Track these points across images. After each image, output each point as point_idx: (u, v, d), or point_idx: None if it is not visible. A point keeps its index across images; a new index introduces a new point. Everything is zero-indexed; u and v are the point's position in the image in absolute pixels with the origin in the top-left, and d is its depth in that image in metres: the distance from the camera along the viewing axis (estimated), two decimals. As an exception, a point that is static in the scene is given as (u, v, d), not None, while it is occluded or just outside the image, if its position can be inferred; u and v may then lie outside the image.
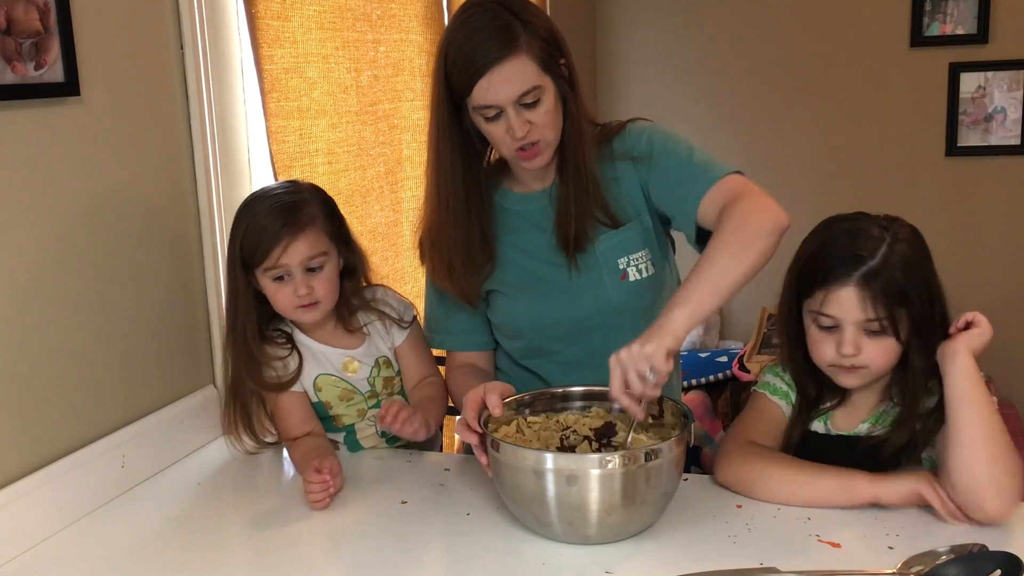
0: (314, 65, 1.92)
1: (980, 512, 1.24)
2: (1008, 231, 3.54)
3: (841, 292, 1.32)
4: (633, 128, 1.57)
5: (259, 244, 1.48)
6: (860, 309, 1.31)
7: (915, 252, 1.34)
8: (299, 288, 1.51)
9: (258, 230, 1.48)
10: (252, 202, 1.53)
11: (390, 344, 1.65)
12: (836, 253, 1.34)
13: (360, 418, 1.64)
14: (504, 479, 1.27)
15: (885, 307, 1.31)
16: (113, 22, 1.49)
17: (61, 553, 1.31)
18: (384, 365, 1.64)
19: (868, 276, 1.31)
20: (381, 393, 1.64)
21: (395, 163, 2.24)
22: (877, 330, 1.32)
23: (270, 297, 1.53)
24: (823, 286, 1.34)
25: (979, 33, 3.45)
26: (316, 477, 1.39)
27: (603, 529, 1.24)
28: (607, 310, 1.56)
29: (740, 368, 3.10)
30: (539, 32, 1.43)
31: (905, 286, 1.31)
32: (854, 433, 1.41)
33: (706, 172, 1.45)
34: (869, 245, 1.32)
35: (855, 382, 1.38)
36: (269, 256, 1.48)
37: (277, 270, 1.50)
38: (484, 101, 1.42)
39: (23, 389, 1.35)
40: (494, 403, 1.34)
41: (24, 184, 1.34)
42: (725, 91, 3.80)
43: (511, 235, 1.60)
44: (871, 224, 1.36)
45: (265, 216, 1.49)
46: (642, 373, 1.25)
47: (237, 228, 1.51)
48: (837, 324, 1.34)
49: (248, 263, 1.50)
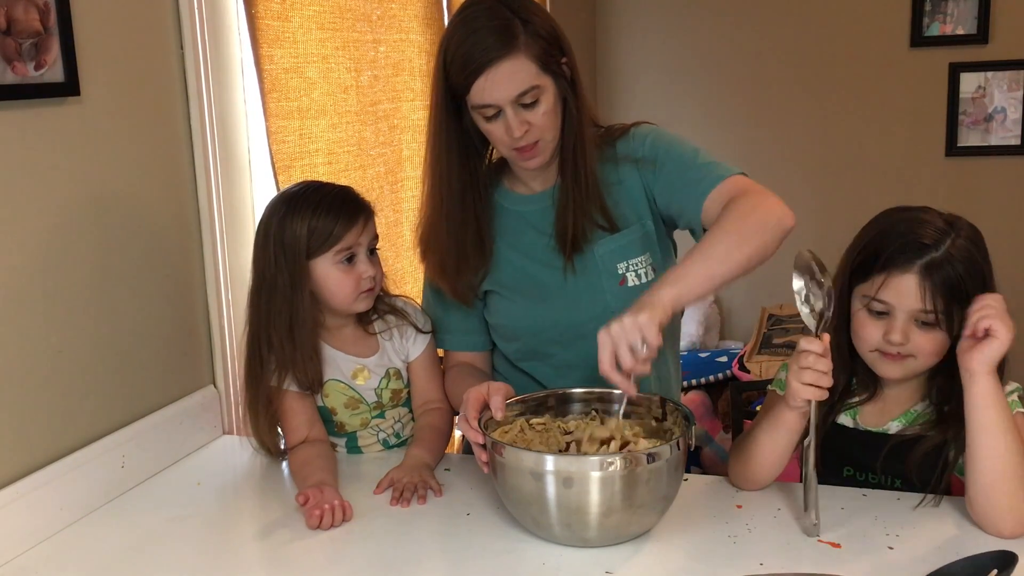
0: (314, 65, 1.92)
1: (995, 531, 1.23)
2: (1008, 231, 3.53)
3: (901, 279, 1.30)
4: (638, 132, 1.57)
5: (334, 226, 1.47)
6: (918, 298, 1.29)
7: (977, 250, 1.32)
8: (367, 269, 1.51)
9: (334, 212, 1.48)
10: (300, 196, 1.51)
11: (403, 356, 1.62)
12: (900, 240, 1.32)
13: (363, 427, 1.62)
14: (504, 481, 1.27)
15: (942, 300, 1.29)
16: (113, 22, 1.49)
17: (61, 553, 1.31)
18: (394, 376, 1.61)
19: (930, 266, 1.29)
20: (387, 405, 1.62)
21: (395, 163, 2.24)
22: (930, 322, 1.30)
23: (333, 284, 1.50)
24: (883, 271, 1.31)
25: (979, 33, 3.45)
26: (301, 499, 1.35)
27: (602, 532, 1.23)
28: (605, 315, 1.55)
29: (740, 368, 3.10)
30: (540, 31, 1.42)
31: (965, 282, 1.29)
32: (883, 430, 1.39)
33: (711, 173, 1.45)
34: (934, 236, 1.31)
35: (898, 372, 1.35)
36: (345, 237, 1.48)
37: (348, 251, 1.50)
38: (482, 100, 1.42)
39: (23, 389, 1.35)
40: (497, 405, 1.34)
41: (24, 184, 1.34)
42: (725, 91, 3.80)
43: (509, 235, 1.59)
44: (935, 216, 1.34)
45: (333, 200, 1.50)
46: (634, 346, 1.23)
47: (292, 220, 1.48)
48: (889, 311, 1.32)
49: (311, 252, 1.48)
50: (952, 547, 1.20)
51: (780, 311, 3.47)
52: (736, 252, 1.32)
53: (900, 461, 1.34)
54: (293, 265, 1.48)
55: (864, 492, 1.38)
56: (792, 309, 3.43)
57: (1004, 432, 1.22)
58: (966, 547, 1.19)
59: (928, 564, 1.15)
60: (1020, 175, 3.52)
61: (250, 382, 1.54)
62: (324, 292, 1.52)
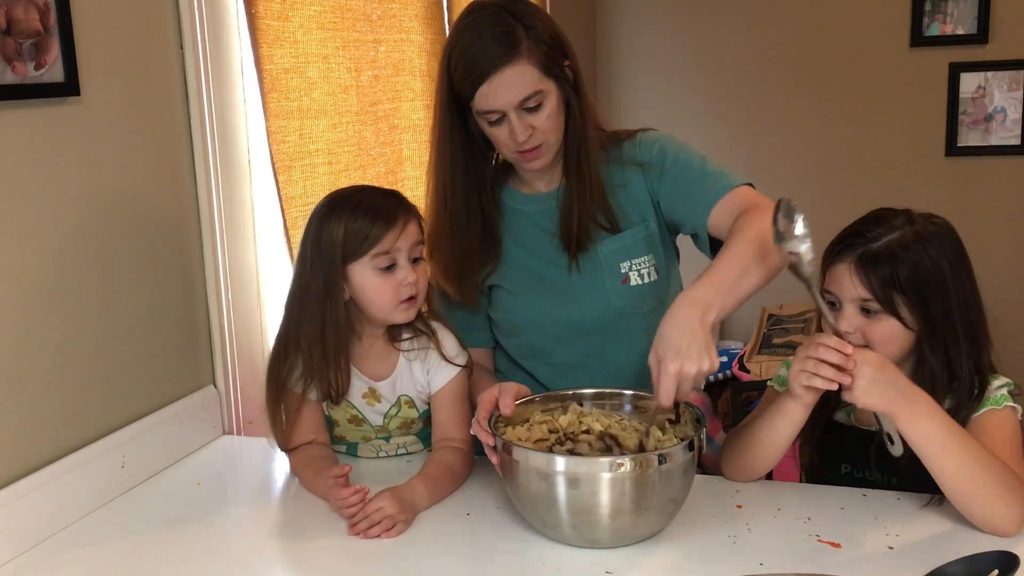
0: (314, 65, 1.92)
1: (996, 533, 1.23)
2: (1008, 231, 3.54)
3: (839, 268, 1.34)
4: (645, 137, 1.58)
5: (371, 228, 1.40)
6: (852, 286, 1.32)
7: (934, 248, 1.32)
8: (408, 276, 1.43)
9: (371, 214, 1.41)
10: (342, 198, 1.45)
11: (422, 386, 1.52)
12: (846, 232, 1.36)
13: (365, 442, 1.58)
14: (514, 481, 1.27)
15: (879, 288, 1.31)
16: (113, 22, 1.49)
17: (61, 553, 1.31)
18: (406, 405, 1.53)
19: (864, 256, 1.32)
20: (394, 432, 1.56)
21: (395, 163, 2.24)
22: (873, 311, 1.32)
23: (371, 292, 1.43)
24: (827, 262, 1.36)
25: (979, 33, 3.45)
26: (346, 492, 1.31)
27: (611, 533, 1.23)
28: (607, 313, 1.57)
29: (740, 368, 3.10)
30: (542, 35, 1.43)
31: (909, 275, 1.30)
32: (872, 428, 1.39)
33: (718, 182, 1.47)
34: (877, 230, 1.34)
35: None
36: (383, 240, 1.41)
37: (387, 256, 1.42)
38: (486, 106, 1.43)
39: (23, 389, 1.35)
40: (506, 404, 1.34)
41: (24, 184, 1.34)
42: (725, 91, 3.80)
43: (514, 233, 1.61)
44: (897, 214, 1.37)
45: (372, 202, 1.43)
46: (699, 386, 1.28)
47: (330, 221, 1.42)
48: (836, 302, 1.35)
49: (346, 256, 1.42)
50: (952, 547, 1.20)
51: (780, 311, 3.47)
52: (759, 271, 1.35)
53: (889, 457, 1.34)
54: (328, 270, 1.42)
55: (864, 492, 1.38)
56: (792, 309, 3.44)
57: (953, 453, 1.23)
58: (966, 547, 1.18)
59: (928, 564, 1.15)
60: (1020, 175, 3.52)
61: (272, 383, 1.49)
62: (363, 299, 1.45)
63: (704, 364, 1.24)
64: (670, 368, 1.24)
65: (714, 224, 1.46)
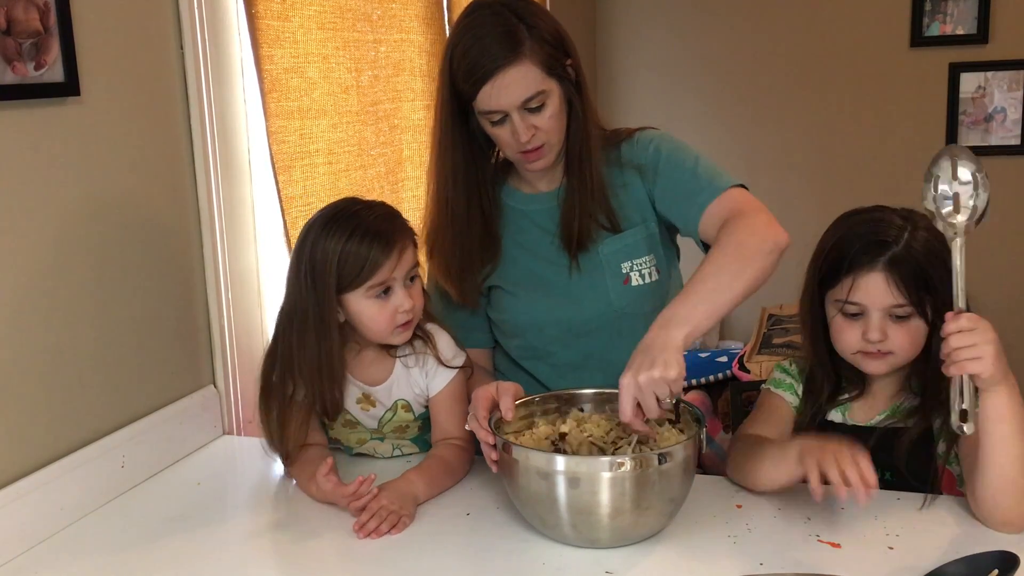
0: (314, 65, 1.92)
1: (1001, 528, 1.24)
2: (1008, 231, 3.53)
3: (869, 278, 1.33)
4: (642, 136, 1.57)
5: (367, 259, 1.38)
6: (888, 294, 1.33)
7: (936, 239, 1.34)
8: (403, 303, 1.42)
9: (367, 240, 1.38)
10: (336, 218, 1.41)
11: (420, 390, 1.52)
12: (860, 241, 1.36)
13: (359, 445, 1.58)
14: (513, 480, 1.27)
15: (912, 292, 1.32)
16: (113, 22, 1.49)
17: (61, 553, 1.31)
18: (402, 409, 1.53)
19: (893, 261, 1.33)
20: (389, 436, 1.56)
21: (396, 163, 2.24)
22: (903, 315, 1.34)
23: (367, 319, 1.42)
24: (850, 273, 1.35)
25: (979, 33, 3.45)
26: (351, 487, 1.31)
27: (611, 533, 1.23)
28: (608, 314, 1.56)
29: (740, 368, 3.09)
30: (544, 35, 1.43)
31: (929, 271, 1.32)
32: (870, 424, 1.41)
33: (709, 184, 1.46)
34: (892, 232, 1.34)
35: (882, 368, 1.38)
36: (378, 272, 1.39)
37: (382, 286, 1.40)
38: (489, 106, 1.43)
39: (23, 389, 1.35)
40: (507, 406, 1.33)
41: (24, 184, 1.34)
42: (725, 91, 3.80)
43: (515, 233, 1.60)
44: (891, 214, 1.38)
45: (368, 228, 1.39)
46: (662, 398, 1.24)
47: (324, 244, 1.39)
48: (863, 311, 1.35)
49: (341, 287, 1.39)
50: (952, 547, 1.20)
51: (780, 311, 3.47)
52: (736, 283, 1.33)
53: (888, 454, 1.35)
54: (323, 298, 1.40)
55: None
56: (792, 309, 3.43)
57: (1018, 442, 1.22)
58: (966, 547, 1.18)
59: (928, 564, 1.15)
60: (1020, 175, 3.52)
61: (265, 394, 1.47)
62: (357, 323, 1.44)
63: (660, 371, 1.21)
64: (623, 381, 1.24)
65: (704, 230, 1.46)
